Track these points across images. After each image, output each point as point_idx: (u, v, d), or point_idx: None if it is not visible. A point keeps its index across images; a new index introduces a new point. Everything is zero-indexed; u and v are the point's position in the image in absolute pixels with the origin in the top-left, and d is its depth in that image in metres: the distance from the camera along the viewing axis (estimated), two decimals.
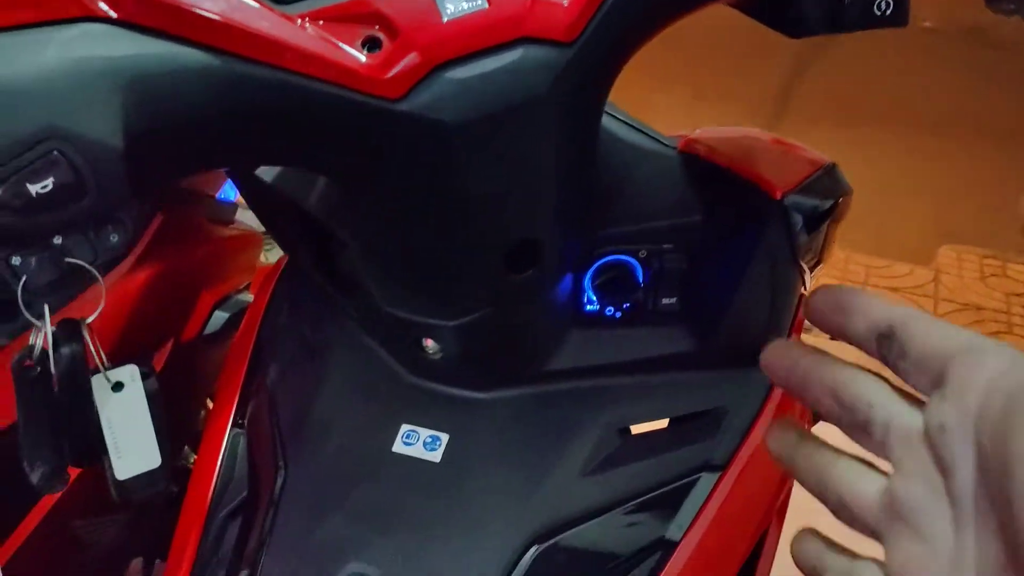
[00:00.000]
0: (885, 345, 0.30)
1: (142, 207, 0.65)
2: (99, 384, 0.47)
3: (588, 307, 0.61)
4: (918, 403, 0.29)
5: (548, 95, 0.43)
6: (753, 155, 0.58)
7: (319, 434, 0.62)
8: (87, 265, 0.43)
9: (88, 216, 0.38)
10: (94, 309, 0.49)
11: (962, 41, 5.03)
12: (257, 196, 0.66)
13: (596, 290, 0.60)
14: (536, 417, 0.61)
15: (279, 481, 0.60)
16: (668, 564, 0.58)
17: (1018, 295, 2.56)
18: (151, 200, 0.68)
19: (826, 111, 3.97)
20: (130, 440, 0.46)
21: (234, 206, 0.92)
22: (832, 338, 0.34)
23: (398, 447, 0.59)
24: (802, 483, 0.34)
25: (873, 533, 0.30)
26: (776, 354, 0.36)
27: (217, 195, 0.90)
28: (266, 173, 0.61)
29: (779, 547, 0.73)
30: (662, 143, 0.63)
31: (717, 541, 0.60)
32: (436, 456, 0.59)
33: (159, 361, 0.79)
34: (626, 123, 0.63)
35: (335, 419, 0.62)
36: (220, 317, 0.85)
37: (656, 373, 0.63)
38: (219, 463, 0.66)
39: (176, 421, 0.80)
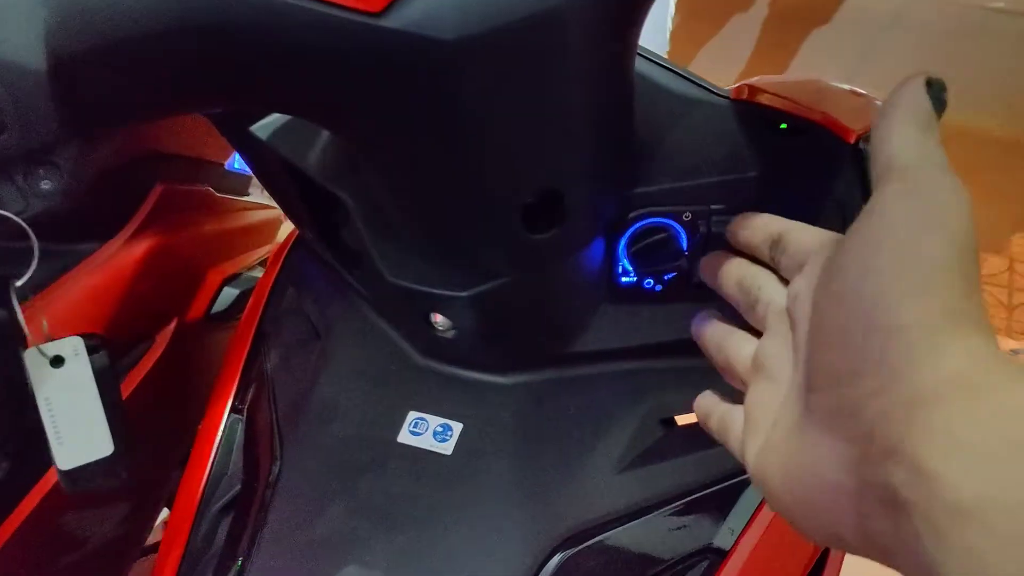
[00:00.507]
0: (775, 248, 0.37)
1: (85, 151, 0.58)
2: (33, 359, 0.40)
3: (623, 278, 0.53)
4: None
5: (568, 5, 0.35)
6: (820, 99, 0.49)
7: (318, 422, 0.55)
8: (13, 216, 0.36)
9: (11, 156, 0.32)
10: (76, 292, 0.42)
11: None
12: (255, 159, 0.59)
13: (632, 258, 0.51)
14: (563, 404, 0.53)
15: (273, 472, 0.54)
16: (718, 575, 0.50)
17: None
18: (99, 143, 0.62)
19: (885, 95, 3.80)
20: (74, 425, 0.40)
21: (248, 177, 0.86)
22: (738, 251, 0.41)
23: (404, 437, 0.52)
24: (706, 352, 0.43)
25: (743, 384, 0.38)
26: (707, 259, 0.44)
27: (227, 164, 0.84)
28: (262, 131, 0.54)
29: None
30: (712, 91, 0.54)
31: (775, 549, 0.52)
32: (447, 448, 0.51)
33: (162, 340, 0.74)
34: (670, 70, 0.55)
35: (337, 405, 0.55)
36: (230, 295, 0.79)
37: (703, 356, 0.55)
38: (214, 451, 0.60)
39: (181, 405, 0.74)
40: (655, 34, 2.38)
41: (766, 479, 0.32)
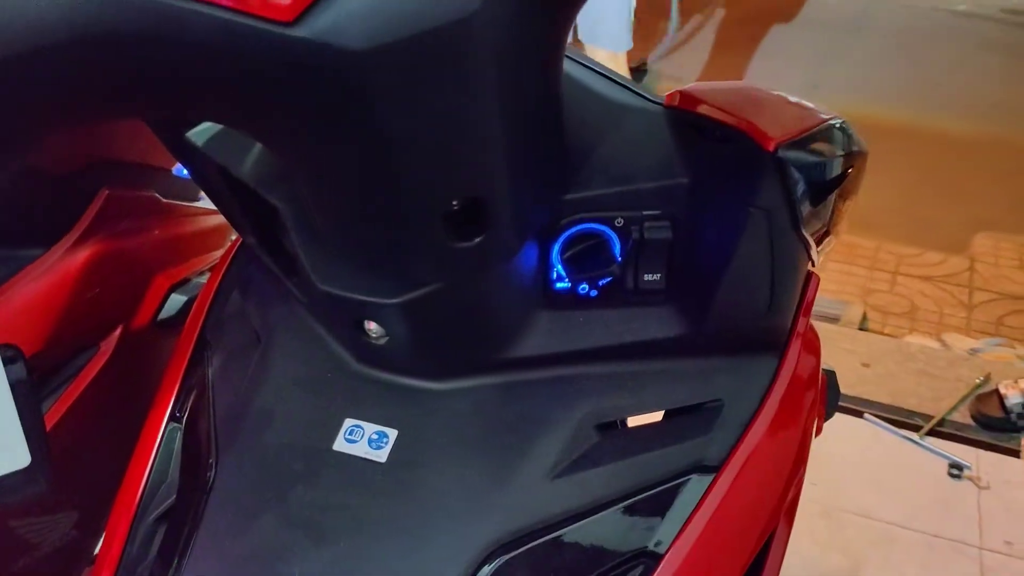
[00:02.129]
0: None
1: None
2: None
3: (558, 284, 0.53)
4: None
5: (482, 15, 0.35)
6: (748, 106, 0.49)
7: (255, 430, 0.55)
8: None
9: None
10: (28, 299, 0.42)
11: (997, 24, 4.87)
12: (193, 164, 0.59)
13: (566, 264, 0.52)
14: (498, 410, 0.53)
15: (208, 481, 0.53)
16: None
17: None
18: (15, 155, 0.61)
19: (852, 98, 3.85)
20: None
21: None
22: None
23: (339, 445, 0.52)
24: None
25: None
26: None
27: (175, 170, 0.83)
28: (198, 137, 0.54)
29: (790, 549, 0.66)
30: (647, 98, 0.55)
31: (710, 551, 0.52)
32: (382, 455, 0.51)
33: (107, 348, 0.73)
34: (605, 76, 0.55)
35: (273, 413, 0.55)
36: (178, 301, 0.78)
37: (639, 361, 0.55)
38: (151, 460, 0.59)
39: (127, 413, 0.74)
40: (618, 32, 2.39)
41: None
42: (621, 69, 2.45)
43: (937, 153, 3.32)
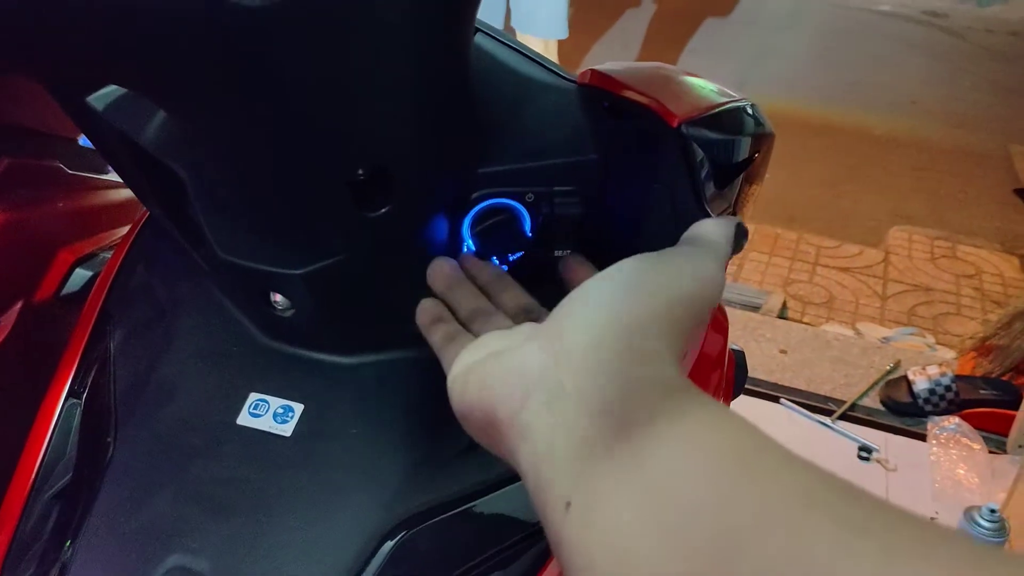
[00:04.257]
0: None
1: None
2: None
3: None
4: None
5: None
6: (656, 85, 0.50)
7: (156, 404, 0.53)
8: None
9: None
10: None
11: (918, 25, 5.06)
12: (93, 131, 0.56)
13: (476, 238, 0.52)
14: (409, 385, 0.53)
15: (106, 457, 0.52)
16: None
17: (968, 276, 2.54)
18: None
19: (779, 94, 3.94)
20: None
21: None
22: None
23: (244, 419, 0.51)
24: (433, 286, 0.49)
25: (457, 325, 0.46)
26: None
27: (82, 140, 0.80)
28: (98, 101, 0.52)
29: None
30: (560, 75, 0.55)
31: None
32: (287, 429, 0.51)
33: (7, 323, 0.70)
34: (520, 53, 0.55)
35: (175, 387, 0.54)
36: (82, 276, 0.75)
37: None
38: (48, 436, 0.57)
39: (27, 389, 0.71)
40: (553, 20, 2.39)
41: (456, 385, 0.38)
42: (552, 58, 2.45)
43: (859, 149, 3.44)
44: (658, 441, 0.26)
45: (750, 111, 0.56)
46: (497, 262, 0.53)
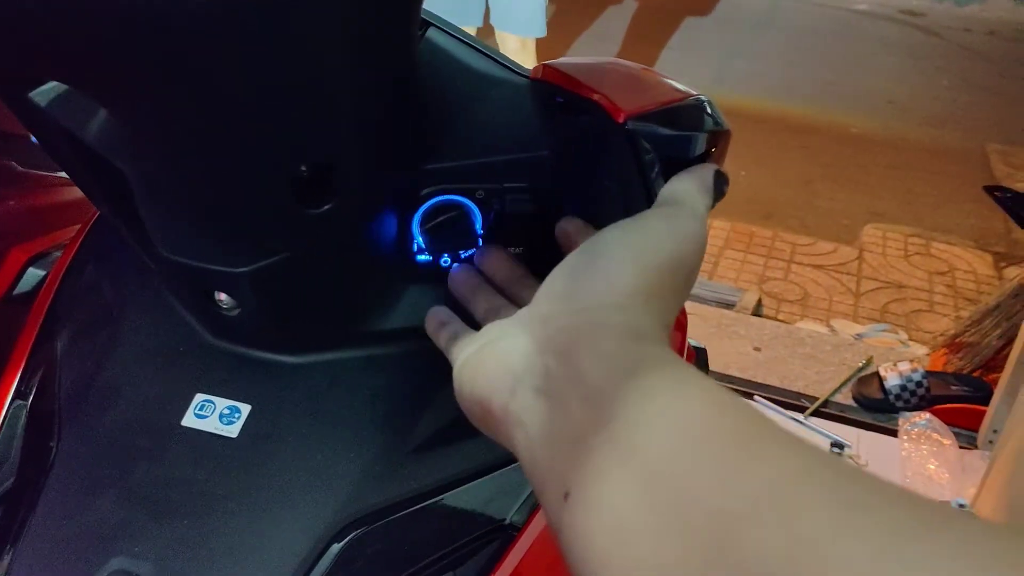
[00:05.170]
0: None
1: None
2: None
3: (419, 256, 0.52)
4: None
5: None
6: (607, 80, 0.49)
7: (100, 406, 0.52)
8: None
9: None
10: None
11: (895, 24, 5.09)
12: (36, 126, 0.55)
13: (426, 236, 0.51)
14: (357, 384, 0.52)
15: (49, 460, 0.51)
16: (509, 553, 0.50)
17: (940, 274, 2.56)
18: None
19: (756, 92, 3.96)
20: None
21: None
22: None
23: (189, 420, 0.50)
24: (456, 292, 0.49)
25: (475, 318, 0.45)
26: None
27: (34, 137, 0.79)
28: (41, 96, 0.51)
29: None
30: (513, 71, 0.54)
31: None
32: (233, 431, 0.50)
33: None
34: (471, 46, 0.54)
35: (120, 389, 0.53)
36: (35, 275, 0.74)
37: None
38: None
39: None
40: (531, 18, 2.39)
41: (456, 381, 0.38)
42: (530, 55, 2.45)
43: (835, 147, 3.45)
44: (651, 423, 0.26)
45: (704, 106, 0.55)
46: (449, 260, 0.53)
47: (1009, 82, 4.31)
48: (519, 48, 2.43)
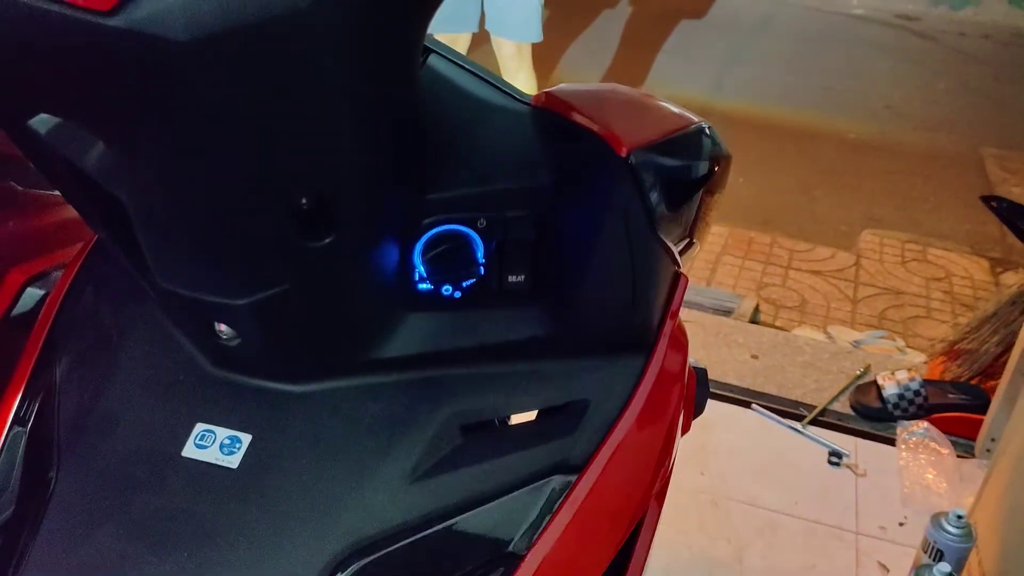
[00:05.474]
0: None
1: None
2: None
3: (421, 285, 0.52)
4: None
5: (313, 10, 0.34)
6: (609, 110, 0.50)
7: (101, 436, 0.52)
8: None
9: None
10: None
11: (891, 29, 5.10)
12: (36, 154, 0.55)
13: (428, 265, 0.51)
14: (359, 413, 0.52)
15: (49, 489, 0.51)
16: None
17: (938, 280, 2.56)
18: None
19: (753, 98, 3.96)
20: None
21: None
22: None
23: (189, 451, 0.50)
24: None
25: None
26: None
27: None
28: (41, 125, 0.51)
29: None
30: (515, 98, 0.54)
31: (573, 549, 0.53)
32: (234, 461, 0.50)
33: None
34: (473, 74, 0.55)
35: (121, 418, 0.53)
36: (33, 295, 0.74)
37: (506, 362, 0.55)
38: None
39: None
40: (526, 23, 2.38)
41: None
42: (525, 60, 2.44)
43: (832, 153, 3.46)
44: None
45: (704, 135, 0.56)
46: (451, 289, 0.53)
47: (1004, 86, 4.32)
48: (515, 54, 2.43)
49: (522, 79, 2.43)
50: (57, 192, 0.83)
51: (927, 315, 2.39)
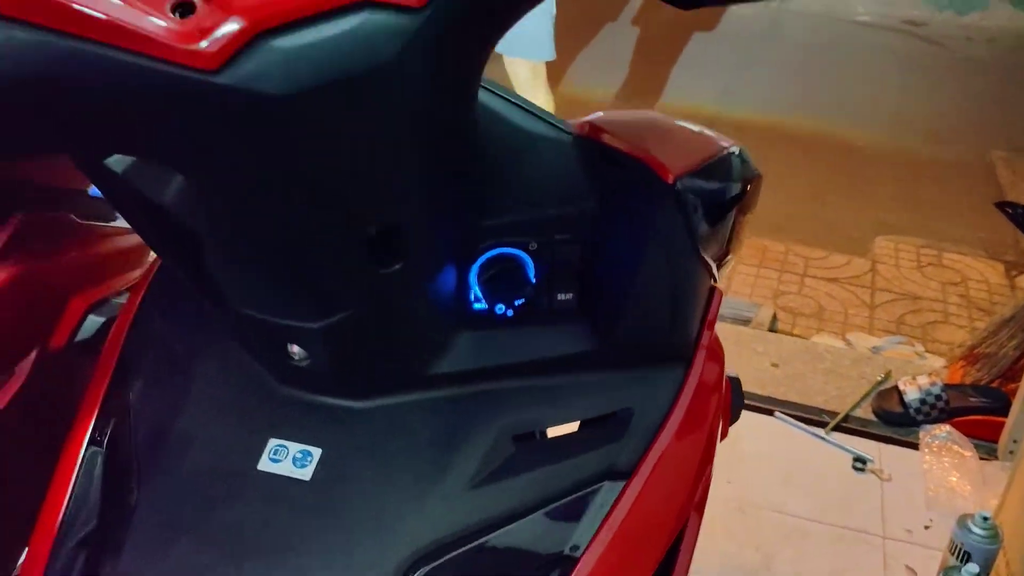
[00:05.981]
0: None
1: None
2: None
3: (476, 305, 0.56)
4: None
5: (397, 64, 0.38)
6: (650, 137, 0.53)
7: (178, 452, 0.55)
8: None
9: None
10: None
11: (897, 35, 5.13)
12: (111, 191, 0.59)
13: (483, 286, 0.54)
14: (420, 426, 0.56)
15: (130, 505, 0.54)
16: None
17: (954, 284, 2.58)
18: None
19: (762, 107, 3.99)
20: None
21: None
22: None
23: (264, 464, 0.53)
24: None
25: None
26: None
27: (91, 191, 0.82)
28: (116, 164, 0.55)
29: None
30: (557, 127, 0.58)
31: (623, 552, 0.56)
32: (306, 473, 0.53)
33: (23, 371, 0.72)
34: (519, 106, 0.58)
35: (197, 435, 0.56)
36: (95, 322, 0.78)
37: (555, 375, 0.58)
38: (72, 485, 0.59)
39: (44, 437, 0.73)
40: (539, 41, 2.40)
41: None
42: (541, 80, 2.47)
43: (843, 160, 3.48)
44: None
45: (738, 157, 0.59)
46: (504, 308, 0.56)
47: (1012, 89, 4.33)
48: (530, 75, 2.45)
49: (540, 101, 2.44)
50: (111, 224, 0.87)
51: (945, 320, 2.41)
